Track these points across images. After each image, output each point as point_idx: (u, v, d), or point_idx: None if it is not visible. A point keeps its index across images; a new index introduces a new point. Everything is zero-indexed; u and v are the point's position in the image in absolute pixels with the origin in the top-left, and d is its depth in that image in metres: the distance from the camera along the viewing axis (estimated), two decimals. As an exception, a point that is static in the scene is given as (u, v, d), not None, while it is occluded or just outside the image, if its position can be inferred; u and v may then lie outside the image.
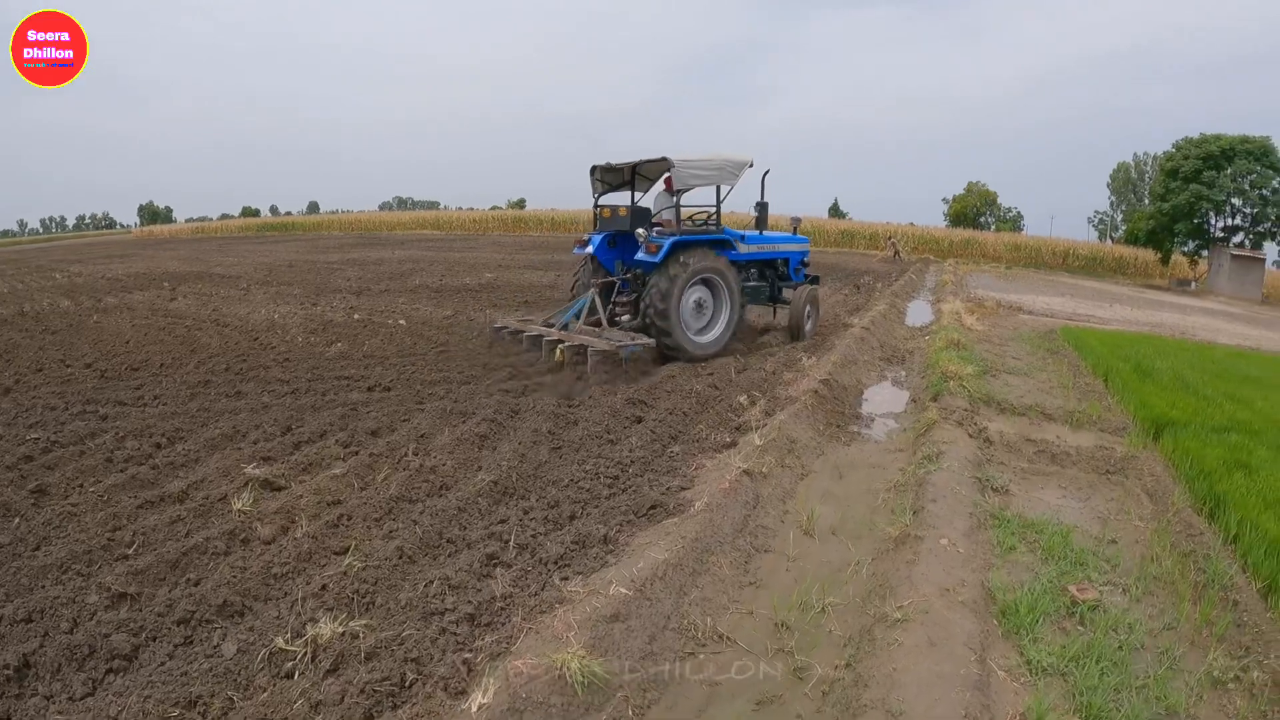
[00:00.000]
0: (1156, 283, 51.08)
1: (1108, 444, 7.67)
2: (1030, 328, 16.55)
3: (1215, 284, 45.81)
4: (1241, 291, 43.75)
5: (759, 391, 8.84)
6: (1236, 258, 44.82)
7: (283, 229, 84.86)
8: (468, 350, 11.81)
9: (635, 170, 12.32)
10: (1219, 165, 45.66)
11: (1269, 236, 46.52)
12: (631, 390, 8.94)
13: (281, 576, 4.76)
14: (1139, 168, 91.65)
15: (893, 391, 10.23)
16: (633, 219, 11.65)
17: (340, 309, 16.87)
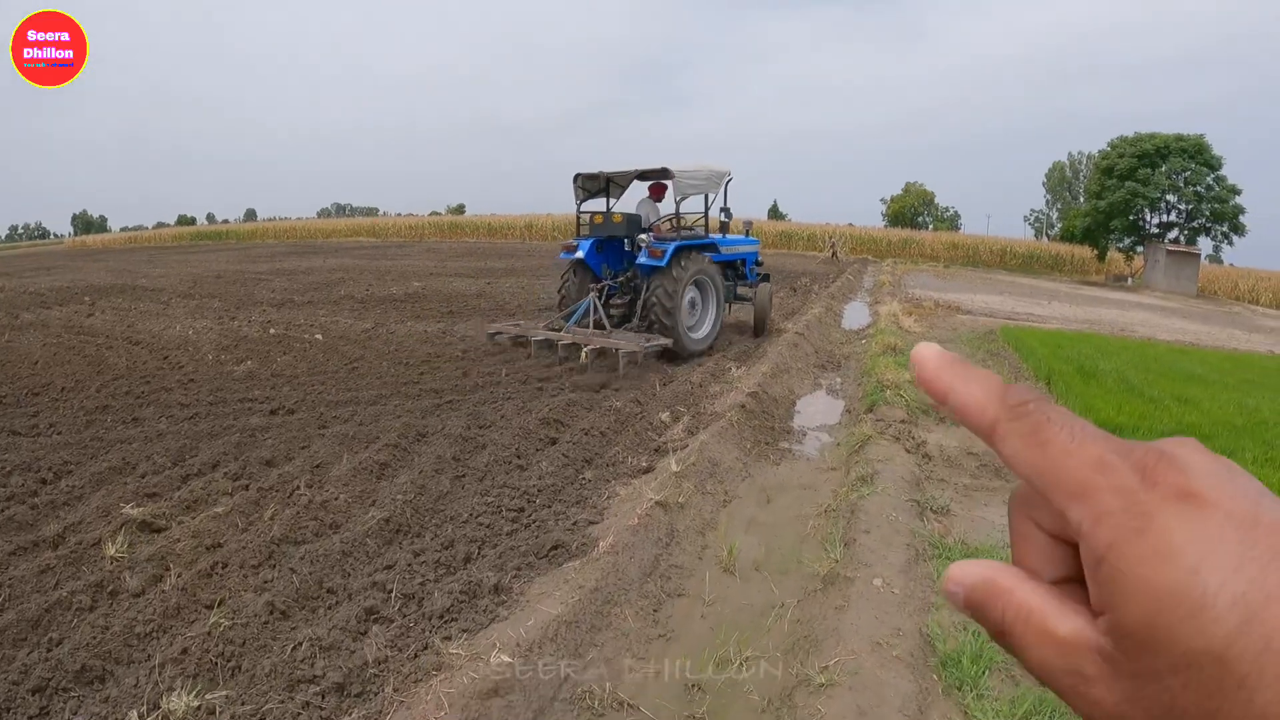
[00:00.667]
0: (1093, 279, 51.49)
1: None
2: (969, 328, 16.19)
3: (1151, 279, 46.32)
4: (1177, 286, 44.24)
5: (683, 407, 8.28)
6: (1172, 253, 45.34)
7: (217, 238, 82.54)
8: (378, 368, 11.12)
9: (610, 179, 12.67)
10: (1154, 163, 46.29)
11: (1203, 232, 47.28)
12: (546, 409, 8.32)
13: (145, 636, 4.16)
14: (1074, 167, 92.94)
15: (827, 402, 9.72)
16: (627, 225, 12.12)
17: (258, 323, 16.01)
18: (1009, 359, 12.11)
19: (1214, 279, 48.64)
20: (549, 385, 9.62)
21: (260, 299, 20.48)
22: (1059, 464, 0.40)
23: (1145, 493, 0.38)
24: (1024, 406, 0.43)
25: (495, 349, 11.90)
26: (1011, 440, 0.42)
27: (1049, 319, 20.62)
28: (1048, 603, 0.42)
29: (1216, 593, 0.35)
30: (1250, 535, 0.36)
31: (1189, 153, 45.72)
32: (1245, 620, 0.34)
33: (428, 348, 12.42)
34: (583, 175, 12.55)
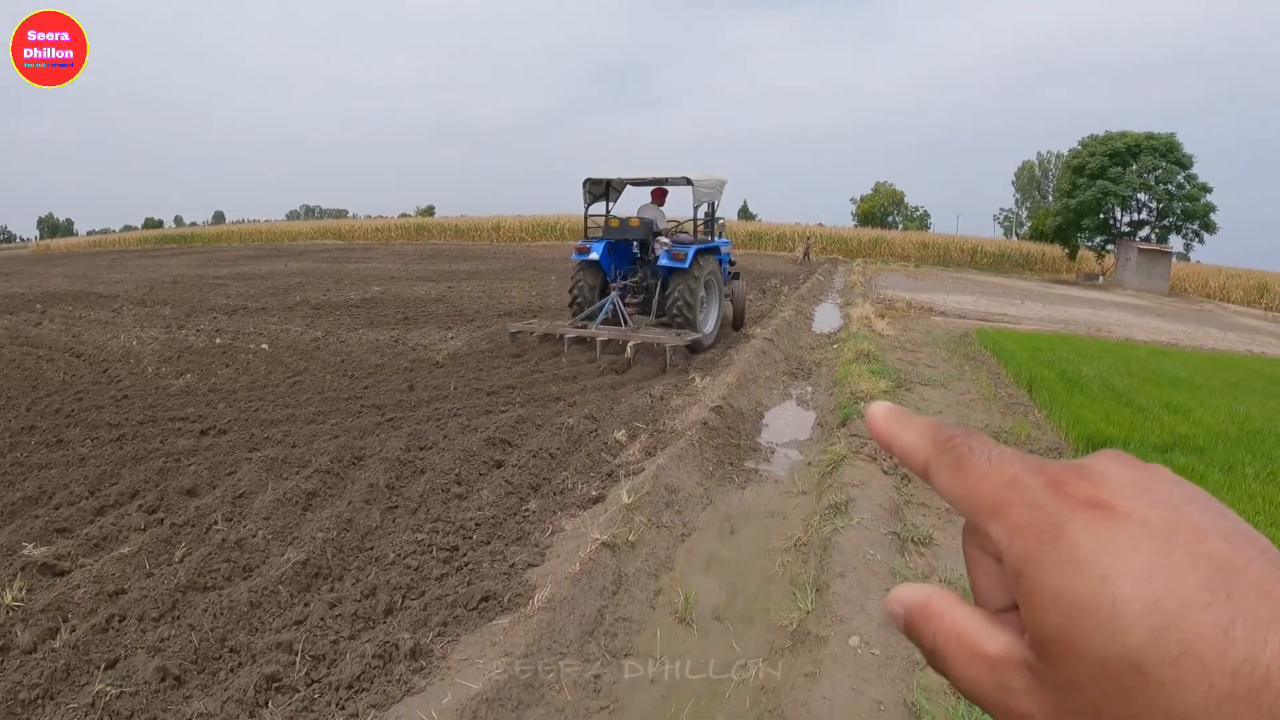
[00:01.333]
0: (1064, 278, 51.55)
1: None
2: (944, 330, 15.69)
3: (1123, 278, 46.31)
4: (1149, 284, 44.24)
5: (642, 423, 7.66)
6: (1143, 251, 45.34)
7: (182, 241, 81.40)
8: (322, 381, 10.45)
9: (609, 184, 13.38)
10: (1125, 161, 46.33)
11: (1174, 230, 47.35)
12: (494, 428, 7.68)
13: (30, 703, 3.63)
14: (1043, 166, 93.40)
15: (797, 414, 9.10)
16: (643, 229, 12.74)
17: (206, 332, 15.27)
18: (988, 364, 11.59)
19: (1185, 277, 48.75)
20: (496, 401, 8.98)
21: (214, 305, 19.77)
22: (978, 487, 0.42)
23: (1055, 504, 0.39)
24: (949, 442, 0.45)
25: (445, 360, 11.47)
26: (941, 473, 0.45)
27: (1024, 319, 20.19)
28: (979, 624, 0.42)
29: (1128, 600, 0.35)
30: (1166, 543, 0.36)
31: (1160, 151, 45.80)
32: (1160, 627, 0.34)
33: (376, 358, 11.82)
34: (590, 180, 13.23)
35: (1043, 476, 0.40)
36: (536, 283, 25.02)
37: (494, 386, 9.58)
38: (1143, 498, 0.38)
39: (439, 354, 11.95)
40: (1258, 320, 33.36)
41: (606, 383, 9.80)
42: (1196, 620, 0.33)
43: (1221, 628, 0.33)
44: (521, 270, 30.79)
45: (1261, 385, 11.82)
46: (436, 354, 11.95)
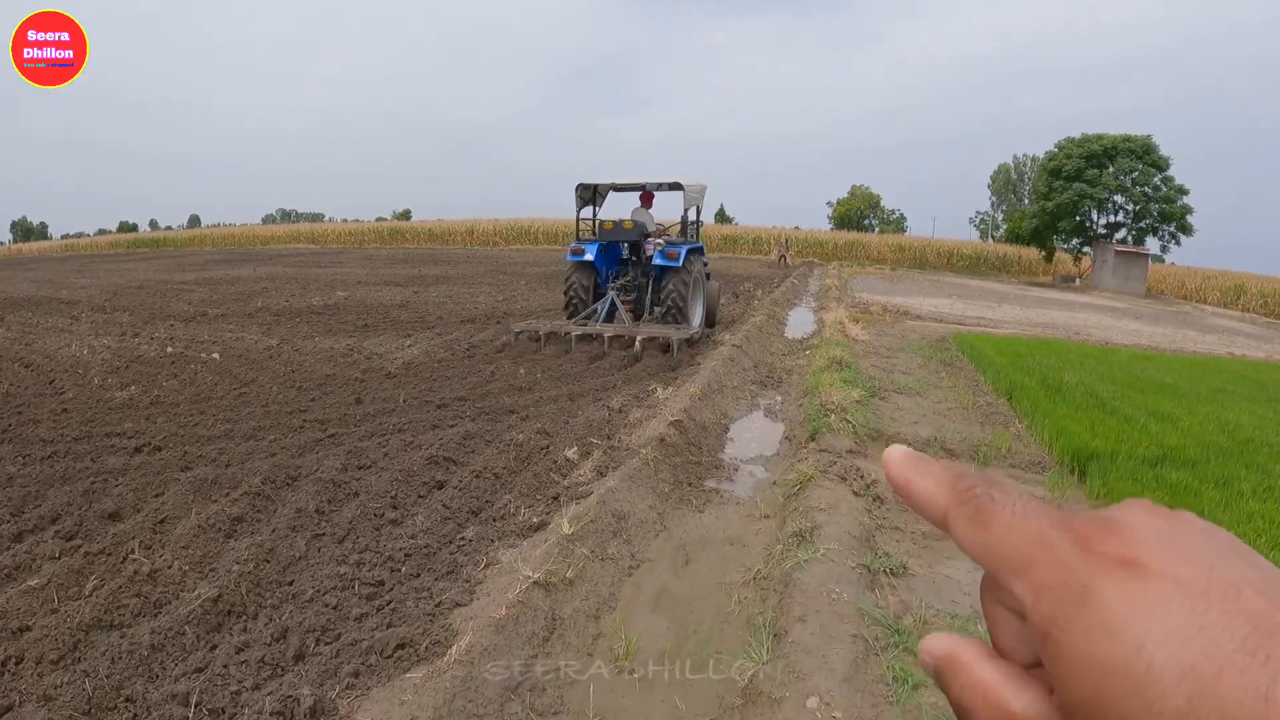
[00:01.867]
0: (1041, 280, 51.56)
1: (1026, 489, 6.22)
2: (919, 335, 15.28)
3: (1100, 280, 46.23)
4: (1126, 286, 44.15)
5: (597, 438, 7.15)
6: (1120, 253, 45.27)
7: (154, 245, 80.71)
8: (268, 393, 9.90)
9: (595, 190, 13.91)
10: (1101, 164, 46.30)
11: (1151, 232, 47.27)
12: (438, 445, 7.17)
13: None
14: (1019, 169, 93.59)
15: (764, 427, 8.59)
16: (636, 230, 13.22)
17: (160, 340, 14.67)
18: (965, 370, 11.16)
19: (1161, 278, 48.75)
20: (445, 415, 8.46)
21: (173, 312, 19.22)
22: (1001, 542, 0.40)
23: (1084, 563, 0.37)
24: (970, 491, 0.43)
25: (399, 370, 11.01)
26: (959, 524, 0.42)
27: (1001, 323, 19.85)
28: (1006, 680, 0.41)
29: (1164, 666, 0.33)
30: (1200, 603, 0.34)
31: (1136, 153, 45.78)
32: (1197, 693, 0.32)
33: (328, 368, 11.29)
34: (581, 185, 13.65)
35: (1069, 532, 0.38)
36: (504, 288, 24.56)
37: (445, 399, 9.08)
38: (1173, 553, 0.36)
39: (394, 363, 11.44)
40: (1235, 321, 33.22)
41: (564, 393, 9.30)
42: (1235, 684, 0.31)
43: (1261, 691, 0.31)
44: (491, 275, 30.28)
45: (1247, 390, 11.43)
46: (391, 363, 11.44)
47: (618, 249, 13.80)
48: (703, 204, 14.55)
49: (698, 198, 14.07)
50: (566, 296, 13.48)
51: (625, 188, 14.20)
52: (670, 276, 12.80)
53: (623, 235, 13.36)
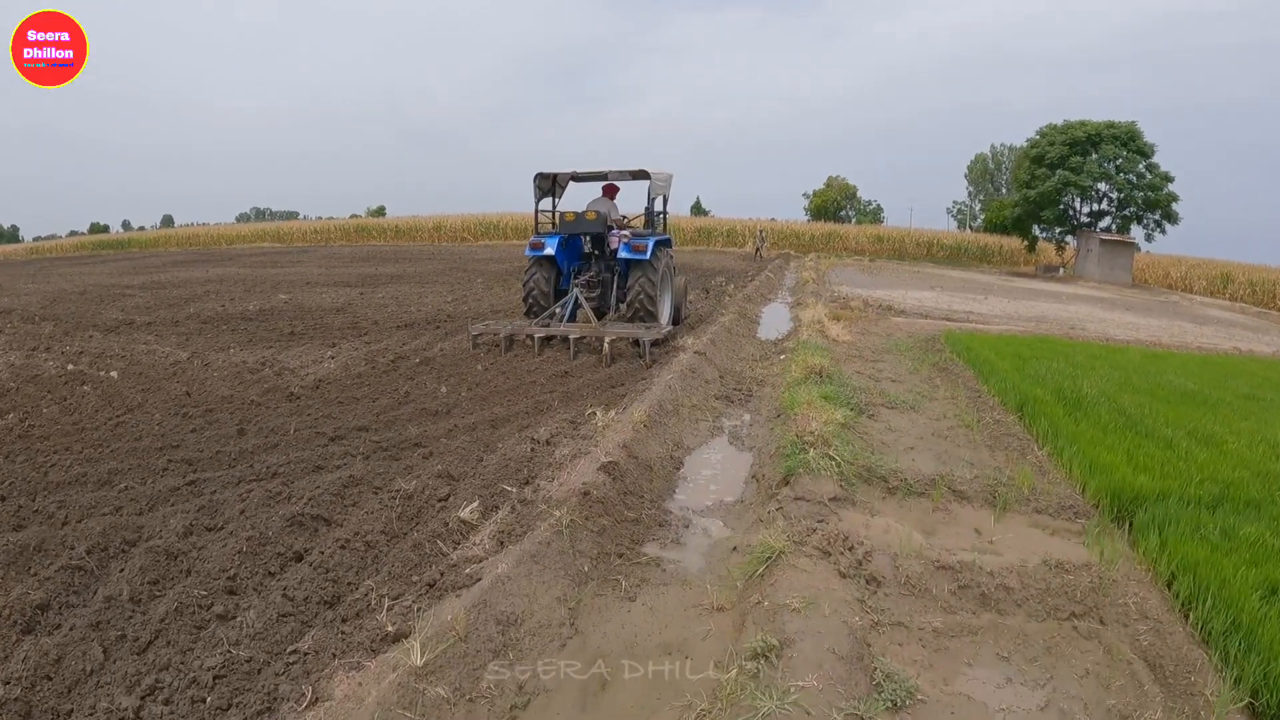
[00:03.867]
0: (1023, 269, 50.46)
1: (1061, 553, 4.70)
2: (906, 333, 13.81)
3: (1084, 269, 45.03)
4: (1111, 276, 42.95)
5: (511, 483, 5.61)
6: (1105, 242, 44.07)
7: (119, 247, 78.82)
8: (150, 421, 8.39)
9: (554, 179, 13.21)
10: (1085, 151, 45.03)
11: (1135, 220, 45.99)
12: (311, 496, 5.61)
13: None
14: (996, 159, 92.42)
15: (728, 460, 7.01)
16: (600, 222, 12.32)
17: (68, 355, 13.12)
18: (963, 378, 9.67)
19: (1144, 267, 47.50)
20: (335, 451, 6.86)
21: (100, 321, 17.69)
22: None
23: None
24: None
25: (304, 390, 9.48)
26: None
27: (991, 318, 18.45)
28: None
29: None
30: None
31: (1121, 140, 44.58)
32: None
33: (228, 387, 9.82)
34: (540, 175, 12.90)
35: None
36: (459, 286, 23.13)
37: (342, 428, 7.53)
38: None
39: (303, 381, 9.91)
40: (1226, 312, 32.01)
41: (485, 419, 7.73)
42: None
43: None
44: (451, 273, 28.79)
45: (1276, 396, 10.00)
46: (300, 381, 9.91)
47: (579, 242, 13.11)
48: (669, 193, 13.60)
49: (664, 187, 13.19)
50: (526, 292, 12.63)
51: (586, 177, 13.36)
52: (637, 271, 12.03)
53: (585, 227, 12.48)
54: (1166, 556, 4.59)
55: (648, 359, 10.40)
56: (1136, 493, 5.46)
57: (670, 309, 13.05)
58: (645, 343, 10.58)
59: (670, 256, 13.22)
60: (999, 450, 6.80)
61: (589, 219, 12.32)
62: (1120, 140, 44.62)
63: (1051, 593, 4.25)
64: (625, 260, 12.15)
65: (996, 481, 5.79)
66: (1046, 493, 5.69)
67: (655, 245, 12.02)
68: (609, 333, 10.89)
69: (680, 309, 13.84)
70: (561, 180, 13.35)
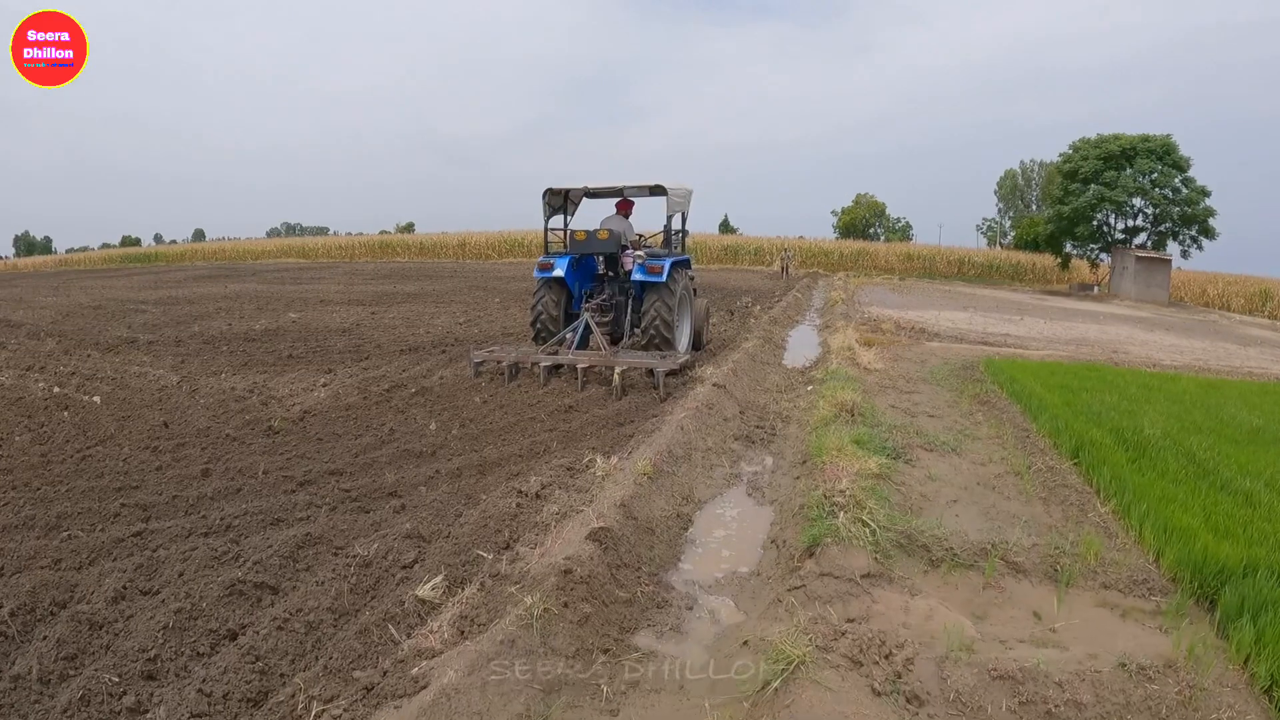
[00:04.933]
0: (1056, 288, 49.26)
1: (1139, 646, 3.86)
2: (942, 359, 12.92)
3: (1119, 287, 43.71)
4: (1147, 294, 41.62)
5: (488, 549, 4.82)
6: (1141, 259, 42.68)
7: (146, 260, 79.64)
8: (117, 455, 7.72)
9: (566, 196, 12.30)
10: (1120, 165, 43.74)
11: (1171, 236, 44.64)
12: (259, 558, 4.84)
13: None
14: (1026, 174, 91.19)
15: (743, 519, 6.15)
16: (612, 241, 11.48)
17: (60, 375, 12.58)
18: (1007, 412, 8.78)
19: (1180, 284, 46.06)
20: (299, 501, 6.08)
21: (105, 338, 17.26)
22: None
23: None
24: None
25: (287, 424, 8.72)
26: None
27: (1029, 341, 17.51)
28: None
29: None
30: None
31: (1156, 153, 43.33)
32: None
33: (208, 418, 9.14)
34: (550, 191, 11.93)
35: None
36: (475, 306, 22.46)
37: (314, 472, 6.76)
38: None
39: (289, 412, 9.19)
40: (1268, 331, 30.69)
41: (473, 462, 6.89)
42: None
43: None
44: (470, 291, 28.15)
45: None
46: (285, 412, 9.19)
47: (592, 263, 12.28)
48: (688, 210, 12.64)
49: (682, 203, 12.21)
50: (534, 316, 11.74)
51: (600, 193, 12.48)
52: (652, 294, 11.14)
53: (597, 247, 11.62)
54: (1264, 656, 3.73)
55: (662, 392, 9.59)
56: (1221, 565, 4.59)
57: (689, 334, 12.27)
58: (660, 374, 9.76)
59: (690, 278, 12.43)
60: (1055, 504, 5.94)
61: (601, 238, 11.50)
62: (1156, 154, 43.32)
63: (1132, 709, 3.39)
64: (640, 283, 11.26)
65: (1057, 550, 4.93)
66: (1115, 563, 4.83)
67: (672, 266, 11.14)
68: (620, 362, 10.06)
69: (702, 333, 13.06)
70: (574, 196, 12.51)
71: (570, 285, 11.83)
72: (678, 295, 11.25)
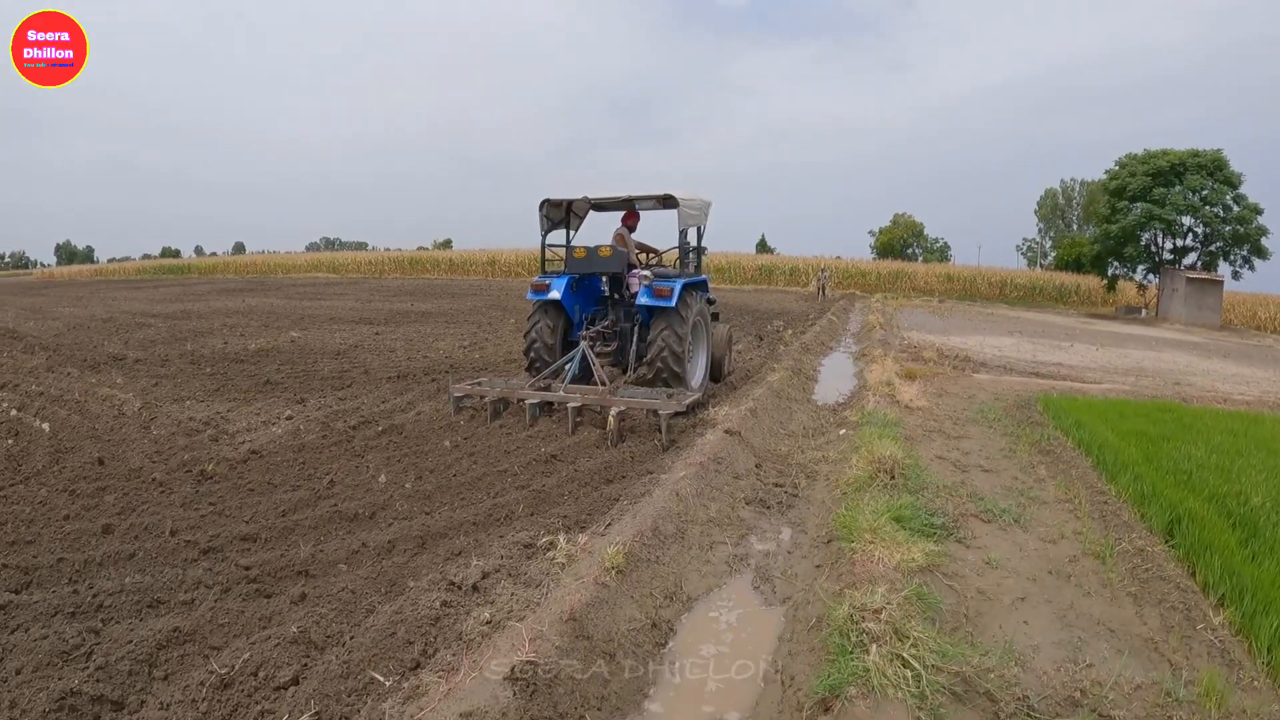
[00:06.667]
0: (1101, 311, 47.54)
1: None
2: (991, 394, 11.48)
3: (1168, 310, 41.85)
4: (1199, 317, 39.76)
5: (387, 671, 3.54)
6: (1192, 280, 40.76)
7: (179, 272, 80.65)
8: (34, 498, 6.68)
9: (568, 208, 10.92)
10: (1169, 181, 41.82)
11: (1222, 256, 42.61)
12: (102, 664, 3.62)
13: None
14: (1066, 194, 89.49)
15: (742, 630, 4.66)
16: (616, 259, 10.19)
17: (27, 395, 11.83)
18: (1077, 469, 7.34)
19: (1229, 307, 44.21)
20: (189, 578, 4.77)
21: (95, 355, 16.47)
22: None
23: None
24: None
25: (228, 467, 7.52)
26: None
27: (1084, 371, 16.04)
28: None
29: None
30: None
31: (1206, 169, 41.45)
32: None
33: (149, 455, 8.08)
34: (548, 202, 10.55)
35: None
36: (488, 328, 21.33)
37: (224, 536, 5.53)
38: None
39: (236, 450, 8.07)
40: (1329, 359, 28.92)
41: (414, 532, 5.54)
42: None
43: None
44: (487, 310, 27.09)
45: None
46: (233, 450, 8.09)
47: (595, 284, 10.98)
48: (705, 224, 11.16)
49: (698, 216, 10.75)
50: (527, 344, 10.40)
51: (607, 204, 11.11)
52: (660, 321, 9.74)
53: (598, 265, 10.29)
54: None
55: (664, 440, 8.30)
56: None
57: (705, 366, 10.88)
58: (663, 418, 8.43)
59: (705, 300, 10.94)
60: (1150, 605, 4.56)
61: (603, 255, 10.20)
62: (1206, 169, 41.44)
63: None
64: (646, 307, 10.00)
65: (1166, 696, 3.55)
66: (1243, 712, 3.46)
67: (684, 288, 9.78)
68: (617, 401, 8.74)
69: (723, 364, 11.61)
70: (577, 208, 11.11)
71: (569, 309, 10.52)
72: (690, 322, 9.86)
